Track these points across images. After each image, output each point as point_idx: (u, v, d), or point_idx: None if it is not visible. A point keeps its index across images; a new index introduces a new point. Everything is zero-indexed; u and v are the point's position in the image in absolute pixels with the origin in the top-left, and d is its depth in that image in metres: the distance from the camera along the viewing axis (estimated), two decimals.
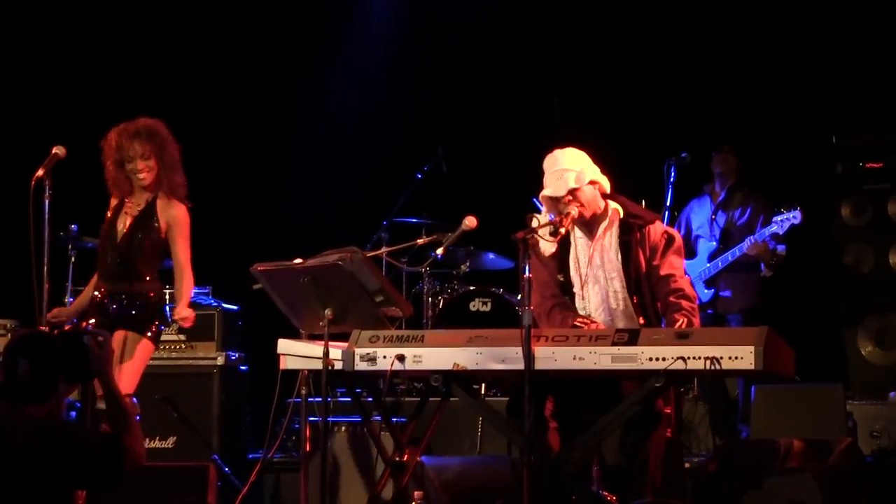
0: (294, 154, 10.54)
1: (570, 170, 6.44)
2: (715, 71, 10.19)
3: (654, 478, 6.16)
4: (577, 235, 6.56)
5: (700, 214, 9.38)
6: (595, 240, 6.53)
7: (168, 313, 7.25)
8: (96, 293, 7.25)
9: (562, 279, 6.55)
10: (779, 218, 8.75)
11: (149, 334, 7.12)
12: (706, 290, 9.07)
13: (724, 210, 9.29)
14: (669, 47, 10.27)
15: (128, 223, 7.21)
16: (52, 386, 4.93)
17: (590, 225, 6.54)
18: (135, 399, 7.13)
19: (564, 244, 6.55)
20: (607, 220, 6.54)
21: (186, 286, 7.21)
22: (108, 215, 7.33)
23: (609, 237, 6.52)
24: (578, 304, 6.53)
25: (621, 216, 6.54)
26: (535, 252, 6.49)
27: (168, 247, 7.24)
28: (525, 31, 10.55)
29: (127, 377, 7.08)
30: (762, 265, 8.97)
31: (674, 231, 6.69)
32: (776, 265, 8.94)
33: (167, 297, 7.34)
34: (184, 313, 7.16)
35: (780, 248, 8.91)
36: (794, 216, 8.72)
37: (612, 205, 6.56)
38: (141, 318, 7.13)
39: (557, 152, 6.57)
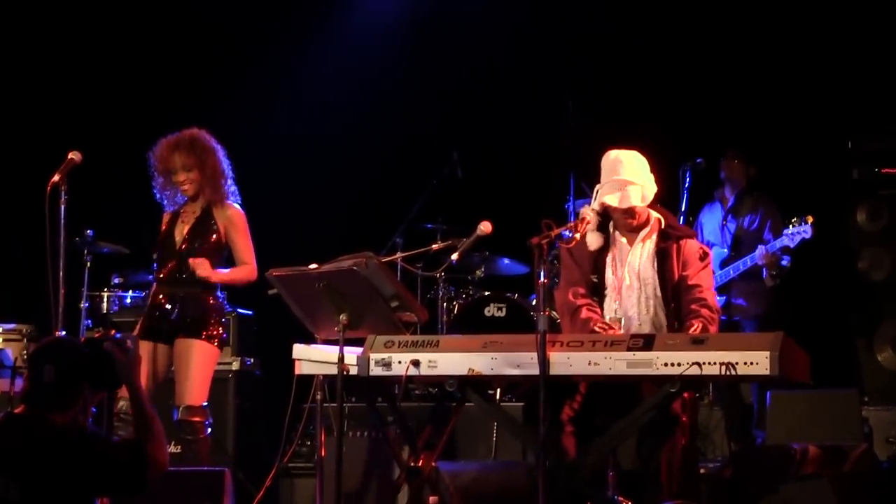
0: (309, 158, 10.54)
1: (636, 184, 6.47)
2: (730, 76, 10.17)
3: (669, 484, 6.16)
4: (617, 238, 6.59)
5: (711, 220, 9.37)
6: (634, 246, 6.57)
7: (226, 314, 7.36)
8: (158, 297, 7.32)
9: (595, 280, 6.57)
10: (789, 231, 8.71)
11: (213, 341, 7.20)
12: (718, 297, 9.04)
13: (734, 216, 9.27)
14: (684, 52, 10.26)
15: (185, 231, 7.32)
16: (77, 392, 4.92)
17: (633, 231, 6.57)
18: (204, 404, 7.19)
19: (604, 246, 6.59)
20: (649, 228, 6.58)
21: (241, 271, 7.29)
22: (164, 227, 7.41)
23: (648, 245, 6.56)
24: (609, 306, 6.56)
25: (661, 226, 6.58)
26: (570, 250, 6.53)
27: (226, 251, 7.36)
28: (540, 35, 10.54)
29: (196, 387, 7.15)
30: (764, 273, 8.93)
31: (708, 248, 6.76)
32: (779, 276, 8.91)
33: (225, 302, 7.40)
34: (199, 261, 7.21)
35: (785, 261, 8.88)
36: (804, 230, 8.67)
37: (654, 214, 6.61)
38: (201, 321, 7.21)
39: (623, 156, 6.58)
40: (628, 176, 6.49)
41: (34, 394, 4.94)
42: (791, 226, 8.72)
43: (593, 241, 6.54)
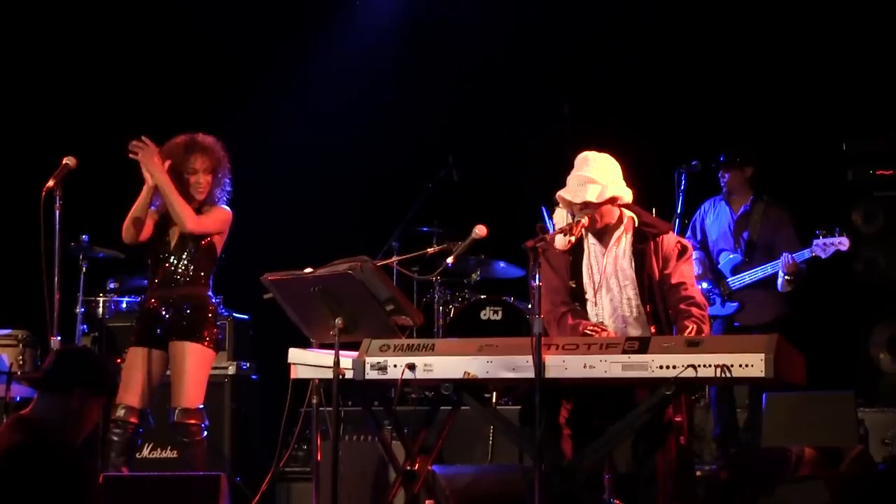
0: (305, 162, 10.55)
1: (595, 182, 6.43)
2: (726, 79, 10.18)
3: (664, 486, 6.16)
4: (591, 242, 6.57)
5: (717, 222, 9.26)
6: (609, 248, 6.54)
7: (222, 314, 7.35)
8: (151, 301, 7.31)
9: (574, 286, 6.55)
10: (822, 241, 8.60)
11: (206, 342, 7.21)
12: (731, 304, 8.98)
13: (746, 222, 9.18)
14: (680, 55, 10.27)
15: (178, 232, 7.29)
16: (66, 381, 4.97)
17: (603, 233, 6.54)
18: (200, 406, 7.19)
19: (577, 251, 6.56)
20: (621, 229, 6.55)
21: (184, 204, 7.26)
22: (151, 228, 7.37)
23: (623, 245, 6.53)
24: (591, 310, 6.53)
25: (635, 225, 6.55)
26: (546, 258, 6.50)
27: (218, 256, 7.38)
28: (536, 39, 10.55)
29: (191, 389, 7.16)
30: (782, 283, 8.81)
31: (686, 241, 6.69)
32: (796, 282, 8.82)
33: (221, 304, 7.40)
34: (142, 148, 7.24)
35: (802, 266, 8.81)
36: (840, 242, 8.59)
37: (627, 213, 6.57)
38: (195, 323, 7.22)
39: (590, 156, 6.54)
40: (591, 174, 6.46)
41: (37, 379, 5.08)
42: (823, 235, 8.63)
43: (560, 241, 6.51)
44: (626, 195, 6.53)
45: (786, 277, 8.75)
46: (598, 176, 6.44)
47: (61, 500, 4.83)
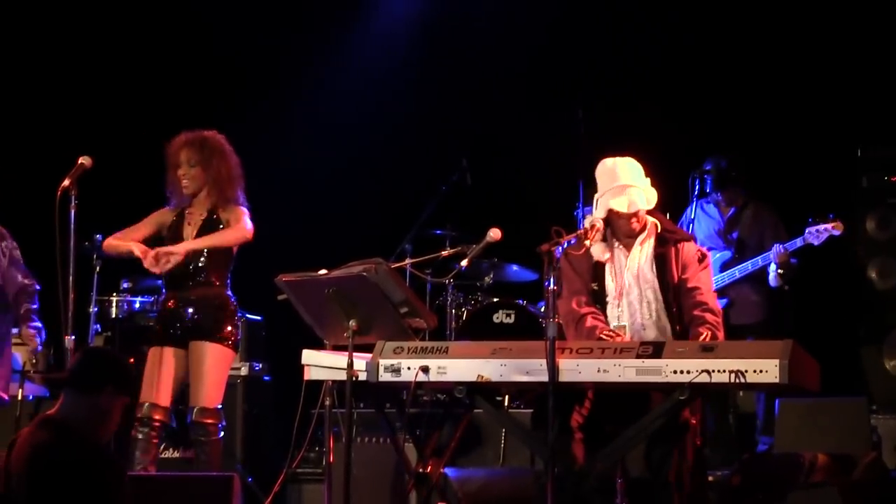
0: (319, 164, 10.56)
1: (636, 186, 6.50)
2: (740, 84, 10.17)
3: (679, 490, 6.16)
4: (616, 247, 6.59)
5: (705, 224, 9.27)
6: (632, 251, 6.57)
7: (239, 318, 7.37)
8: (170, 301, 7.31)
9: (596, 288, 6.58)
10: (815, 228, 8.65)
11: (226, 341, 7.21)
12: (720, 300, 8.97)
13: (736, 221, 9.21)
14: (694, 60, 10.26)
15: (193, 234, 7.30)
16: (96, 380, 4.99)
17: (629, 237, 6.58)
18: (219, 406, 7.20)
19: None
20: (645, 233, 6.59)
21: (227, 232, 7.29)
22: (167, 227, 7.36)
23: (646, 250, 6.58)
24: (612, 313, 6.56)
25: (658, 230, 6.59)
26: (570, 260, 6.53)
27: (234, 257, 7.38)
28: (550, 43, 10.55)
29: (210, 389, 7.16)
30: (775, 277, 8.85)
31: (706, 250, 6.74)
32: (788, 276, 8.85)
33: (237, 304, 7.39)
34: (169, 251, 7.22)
35: (793, 261, 8.83)
36: (834, 227, 8.63)
37: (650, 219, 6.61)
38: (213, 323, 7.22)
39: (618, 162, 6.60)
40: (628, 180, 6.50)
41: (64, 378, 5.12)
42: (816, 222, 8.65)
43: (599, 251, 6.54)
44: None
45: (778, 270, 8.77)
46: (634, 180, 6.53)
47: (90, 499, 4.84)
